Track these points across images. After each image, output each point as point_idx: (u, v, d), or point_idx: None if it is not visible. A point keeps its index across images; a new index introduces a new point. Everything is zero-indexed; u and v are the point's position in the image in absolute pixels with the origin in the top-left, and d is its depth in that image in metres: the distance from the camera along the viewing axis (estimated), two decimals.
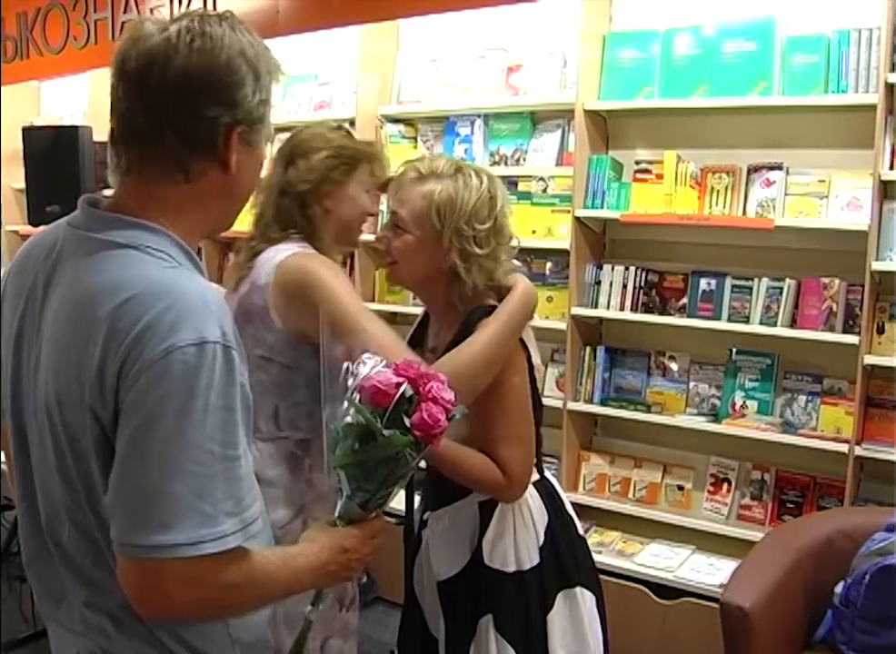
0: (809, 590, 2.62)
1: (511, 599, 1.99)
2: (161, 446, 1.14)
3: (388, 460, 1.49)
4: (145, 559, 1.16)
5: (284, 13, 4.22)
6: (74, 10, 5.19)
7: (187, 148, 1.27)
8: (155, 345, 1.15)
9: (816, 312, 3.23)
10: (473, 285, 1.94)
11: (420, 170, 1.98)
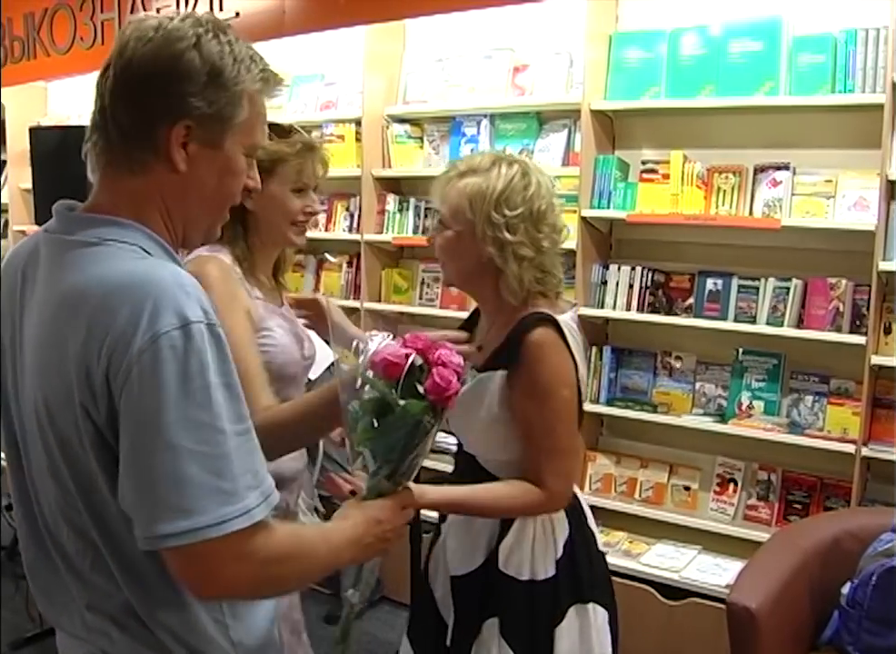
0: (815, 591, 2.61)
1: (519, 607, 1.99)
2: (168, 434, 1.13)
3: (407, 430, 1.54)
4: (177, 547, 1.15)
5: (291, 13, 4.22)
6: (80, 11, 5.19)
7: (126, 140, 1.25)
8: (140, 336, 1.13)
9: (823, 312, 3.22)
10: (520, 279, 1.93)
11: (459, 167, 1.99)
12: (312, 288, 4.73)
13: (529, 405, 1.91)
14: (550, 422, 1.92)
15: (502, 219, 1.91)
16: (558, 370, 1.92)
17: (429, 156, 4.30)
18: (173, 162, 1.26)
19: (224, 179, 1.32)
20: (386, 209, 4.36)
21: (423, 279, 4.37)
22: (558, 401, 1.92)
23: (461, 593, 2.07)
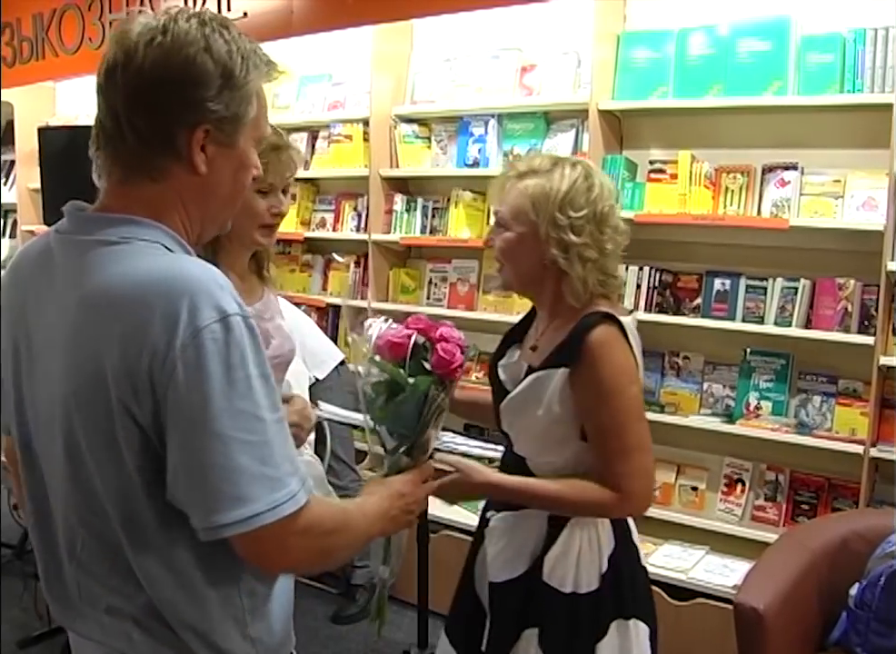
0: (823, 592, 2.60)
1: (560, 619, 1.96)
2: (217, 425, 1.16)
3: (419, 405, 1.65)
4: (237, 535, 1.19)
5: (298, 13, 4.23)
6: (89, 11, 5.21)
7: (146, 148, 1.26)
8: (182, 331, 1.15)
9: (831, 312, 3.21)
10: (584, 281, 1.90)
11: (518, 168, 1.96)
12: (319, 287, 4.74)
13: (595, 405, 1.87)
14: (618, 421, 1.87)
15: (566, 220, 1.88)
16: (622, 367, 1.88)
17: (436, 156, 4.30)
18: (194, 165, 1.27)
19: (239, 174, 1.35)
20: (394, 209, 4.36)
21: (430, 279, 4.37)
22: (625, 399, 1.88)
23: (500, 600, 2.04)
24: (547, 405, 1.89)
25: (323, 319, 4.69)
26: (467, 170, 4.13)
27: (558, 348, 1.91)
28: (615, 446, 1.87)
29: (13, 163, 6.27)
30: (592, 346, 1.85)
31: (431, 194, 4.34)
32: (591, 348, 1.85)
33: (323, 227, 4.70)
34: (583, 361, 1.85)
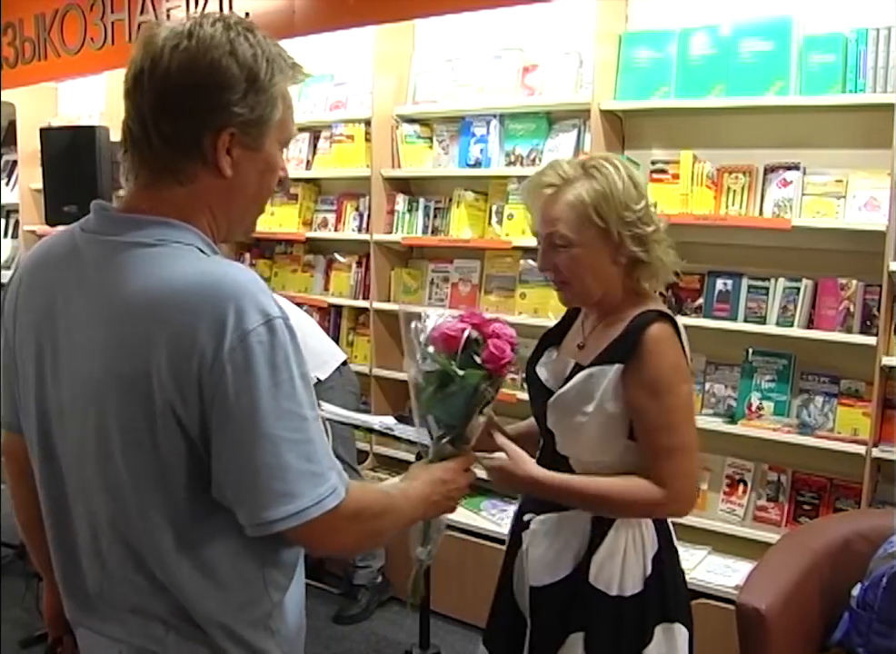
0: (825, 592, 2.60)
1: (606, 622, 1.94)
2: (264, 426, 1.21)
3: (467, 397, 1.72)
4: (287, 530, 1.25)
5: (300, 13, 4.23)
6: (91, 11, 5.21)
7: (173, 152, 1.27)
8: (230, 335, 1.19)
9: (833, 312, 3.21)
10: (664, 262, 1.94)
11: (551, 183, 1.91)
12: (321, 288, 4.74)
13: (648, 401, 1.85)
14: (670, 419, 1.86)
15: (633, 215, 1.87)
16: (676, 365, 1.88)
17: (438, 156, 4.30)
18: (220, 168, 1.29)
19: (265, 176, 1.36)
20: (396, 209, 4.36)
21: (432, 279, 4.37)
22: (679, 397, 1.88)
23: (542, 604, 2.02)
24: (599, 402, 1.88)
25: (324, 319, 4.69)
26: (469, 170, 4.13)
27: (613, 344, 1.90)
28: (665, 444, 1.86)
29: (15, 164, 6.27)
30: (647, 343, 1.85)
31: (432, 194, 4.34)
32: (646, 344, 1.85)
33: (325, 227, 4.71)
34: (639, 358, 1.85)
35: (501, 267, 4.13)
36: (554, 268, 1.94)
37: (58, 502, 1.38)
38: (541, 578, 2.01)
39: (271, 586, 1.37)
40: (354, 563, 4.00)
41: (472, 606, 3.56)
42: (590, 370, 1.91)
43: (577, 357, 1.99)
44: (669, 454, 1.86)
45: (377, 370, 4.39)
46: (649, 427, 1.87)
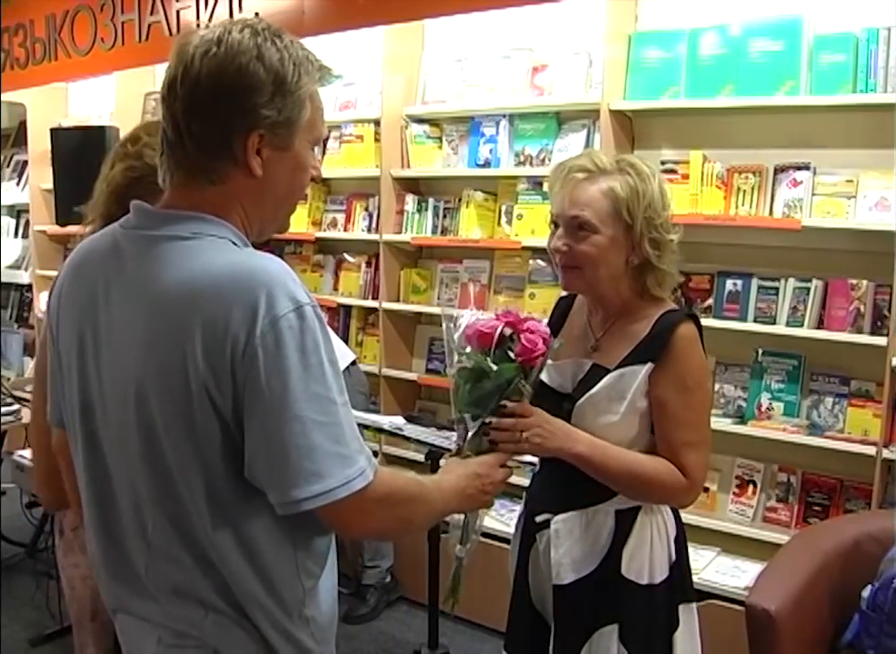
0: (836, 594, 2.59)
1: (639, 612, 1.98)
2: (294, 407, 1.25)
3: (500, 391, 1.79)
4: (316, 508, 1.28)
5: (310, 14, 4.24)
6: (101, 12, 5.23)
7: (205, 154, 1.33)
8: (261, 320, 1.24)
9: (843, 313, 3.20)
10: (672, 273, 1.99)
11: (587, 168, 1.94)
12: (331, 288, 4.74)
13: (678, 398, 1.92)
14: (694, 415, 1.95)
15: (659, 219, 1.93)
16: (703, 363, 2.00)
17: (448, 156, 4.30)
18: (250, 168, 1.34)
19: (296, 174, 1.41)
20: (405, 209, 4.37)
21: (441, 279, 4.37)
22: (703, 394, 2.01)
23: (567, 602, 2.03)
24: (631, 400, 1.94)
25: (334, 319, 4.70)
26: (478, 170, 4.13)
27: (643, 343, 1.95)
28: (688, 438, 1.93)
29: (25, 164, 6.30)
30: (678, 341, 1.93)
31: (442, 195, 4.34)
32: (677, 343, 1.92)
33: (335, 227, 4.71)
34: (669, 356, 1.92)
35: (510, 267, 4.13)
36: (569, 251, 1.95)
37: (102, 488, 1.43)
38: (565, 576, 2.03)
39: (303, 572, 1.42)
40: (363, 563, 4.01)
41: (480, 606, 3.56)
42: (621, 370, 1.95)
43: (593, 358, 2.02)
44: (691, 448, 1.93)
45: (386, 370, 4.40)
46: (674, 422, 1.93)
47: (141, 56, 5.07)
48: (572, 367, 2.04)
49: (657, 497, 2.00)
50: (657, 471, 1.93)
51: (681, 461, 1.92)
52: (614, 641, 1.98)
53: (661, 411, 1.94)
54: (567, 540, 2.03)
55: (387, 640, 3.83)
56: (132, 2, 5.06)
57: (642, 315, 1.98)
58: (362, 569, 4.02)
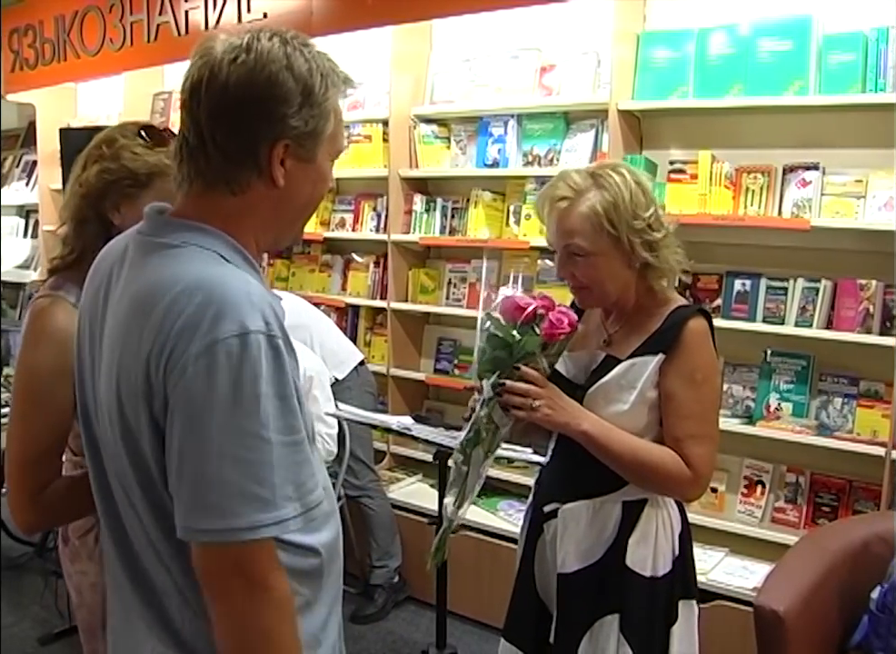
0: (845, 595, 2.58)
1: (641, 603, 2.01)
2: (213, 436, 1.18)
3: (518, 359, 1.91)
4: (208, 543, 1.20)
5: (318, 14, 4.24)
6: (110, 13, 5.24)
7: (229, 162, 1.30)
8: (199, 339, 1.18)
9: (852, 313, 3.19)
10: (672, 266, 2.01)
11: (564, 196, 1.97)
12: (339, 288, 4.75)
13: (685, 390, 1.95)
14: (703, 407, 1.98)
15: (643, 222, 1.96)
16: (713, 357, 2.02)
17: (456, 156, 4.30)
18: (273, 179, 1.31)
19: (316, 186, 1.39)
20: (413, 209, 4.37)
21: (449, 279, 4.37)
22: (712, 388, 2.03)
23: (572, 590, 2.06)
24: (641, 390, 1.97)
25: (342, 319, 4.70)
26: (486, 170, 4.13)
27: (654, 335, 1.99)
28: (695, 430, 1.96)
29: (34, 164, 6.32)
30: (688, 334, 1.97)
31: (450, 195, 4.35)
32: (688, 336, 1.97)
33: (343, 227, 4.72)
34: (680, 348, 1.96)
35: (519, 267, 4.13)
36: (572, 276, 2.03)
37: (106, 495, 1.41)
38: (570, 564, 2.06)
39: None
40: (371, 563, 4.01)
41: (488, 606, 3.57)
42: (632, 360, 2.00)
43: (607, 350, 2.07)
44: (697, 441, 1.96)
45: (394, 370, 4.40)
46: (682, 414, 1.96)
47: (149, 57, 5.09)
48: (585, 359, 2.09)
49: (661, 486, 2.02)
50: (662, 460, 1.95)
51: (686, 453, 1.94)
52: (615, 631, 2.02)
53: (669, 402, 1.97)
54: (574, 529, 2.07)
55: (395, 640, 3.83)
56: (140, 2, 5.06)
57: (655, 311, 2.03)
58: (370, 569, 4.02)
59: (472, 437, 1.99)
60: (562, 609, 2.08)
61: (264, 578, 1.23)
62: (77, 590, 1.97)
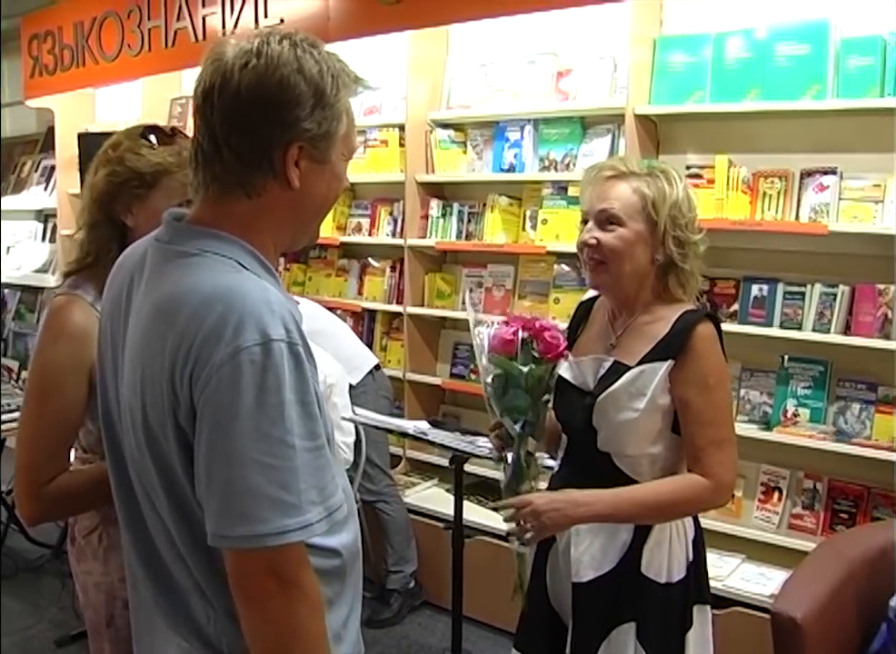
0: (863, 602, 2.57)
1: (657, 611, 2.02)
2: (239, 443, 1.19)
3: (533, 388, 1.98)
4: (237, 549, 1.22)
5: (335, 19, 4.25)
6: (128, 19, 5.28)
7: (244, 166, 1.31)
8: (222, 348, 1.19)
9: (870, 318, 3.18)
10: (695, 275, 2.03)
11: (618, 168, 2.02)
12: (355, 292, 4.76)
13: (698, 396, 1.95)
14: (717, 413, 1.97)
15: (684, 219, 1.99)
16: (722, 362, 2.02)
17: (472, 161, 4.30)
18: (289, 181, 1.32)
19: (331, 187, 1.40)
20: (430, 214, 4.37)
21: (466, 283, 4.37)
22: (724, 393, 2.03)
23: (586, 599, 2.06)
24: (651, 397, 1.97)
25: (358, 324, 4.71)
26: (503, 175, 4.13)
27: (663, 341, 1.99)
28: (713, 437, 1.96)
29: (53, 169, 6.36)
30: (697, 340, 1.97)
31: (466, 199, 4.35)
32: (696, 342, 1.97)
33: (359, 232, 4.72)
34: (689, 355, 1.96)
35: (535, 272, 4.13)
36: (597, 244, 2.01)
37: (129, 501, 1.42)
38: (584, 574, 2.06)
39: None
40: (387, 568, 4.01)
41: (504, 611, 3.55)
42: (641, 367, 1.99)
43: (613, 356, 2.06)
44: (716, 446, 1.96)
45: (411, 374, 4.40)
46: (698, 420, 1.96)
47: (167, 62, 5.12)
48: (593, 364, 2.08)
49: (690, 512, 2.05)
50: (676, 491, 1.98)
51: (709, 462, 1.95)
52: (632, 638, 2.01)
53: (685, 411, 1.97)
54: (587, 538, 2.06)
55: (410, 645, 3.83)
56: (158, 8, 5.10)
57: (661, 315, 2.03)
58: (385, 574, 4.02)
59: (516, 476, 2.07)
60: (577, 620, 2.07)
61: (298, 577, 1.25)
62: (83, 590, 1.98)
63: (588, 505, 1.97)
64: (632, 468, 2.02)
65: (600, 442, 2.04)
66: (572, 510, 1.96)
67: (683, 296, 2.04)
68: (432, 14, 3.98)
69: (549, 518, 1.96)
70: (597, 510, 1.97)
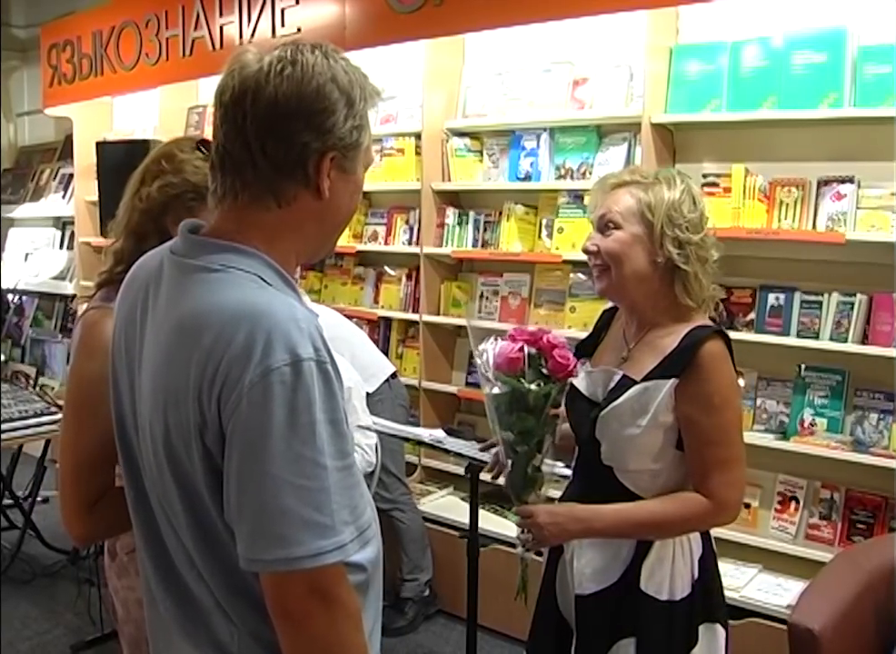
0: (880, 614, 2.55)
1: (657, 628, 2.00)
2: (272, 465, 1.18)
3: (542, 405, 1.93)
4: (273, 573, 1.21)
5: (351, 28, 4.27)
6: (146, 28, 5.32)
7: (278, 174, 1.30)
8: (252, 369, 1.18)
9: (888, 327, 3.16)
10: (700, 280, 1.99)
11: (622, 178, 2.05)
12: (371, 300, 4.76)
13: (703, 417, 1.92)
14: (724, 433, 1.94)
15: (682, 218, 1.97)
16: (731, 380, 1.98)
17: (488, 170, 4.31)
18: (320, 190, 1.32)
19: (353, 197, 1.41)
20: (446, 222, 4.37)
21: (482, 292, 4.38)
22: (732, 412, 1.98)
23: (589, 612, 2.06)
24: (654, 414, 1.95)
25: (374, 332, 4.71)
26: (519, 183, 4.14)
27: (669, 358, 1.97)
28: (718, 456, 1.93)
29: (71, 177, 6.40)
30: (704, 359, 1.93)
31: (482, 208, 4.35)
32: (703, 361, 1.93)
33: (375, 240, 4.73)
34: (695, 374, 1.93)
35: (550, 281, 4.12)
36: (596, 253, 2.04)
37: (146, 515, 1.41)
38: (587, 586, 2.06)
39: None
40: (402, 576, 4.01)
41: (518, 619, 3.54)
42: (645, 384, 1.97)
43: (624, 369, 2.05)
44: (720, 466, 1.93)
45: (426, 382, 4.40)
46: (702, 440, 1.93)
47: (185, 71, 5.15)
48: (603, 377, 2.07)
49: (688, 531, 2.03)
50: (676, 510, 1.97)
51: (712, 483, 1.93)
52: None
53: (689, 430, 1.95)
54: (589, 551, 2.07)
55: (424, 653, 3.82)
56: (176, 18, 5.13)
57: (672, 329, 2.00)
58: (400, 582, 4.02)
59: (523, 486, 2.07)
60: (580, 631, 2.08)
61: (339, 594, 1.25)
62: (124, 606, 1.97)
63: (587, 521, 1.99)
64: (633, 483, 2.01)
65: (603, 455, 2.03)
66: (571, 524, 2.00)
67: (691, 303, 2.00)
68: (448, 24, 3.99)
69: (549, 531, 1.99)
70: (596, 527, 2.00)
